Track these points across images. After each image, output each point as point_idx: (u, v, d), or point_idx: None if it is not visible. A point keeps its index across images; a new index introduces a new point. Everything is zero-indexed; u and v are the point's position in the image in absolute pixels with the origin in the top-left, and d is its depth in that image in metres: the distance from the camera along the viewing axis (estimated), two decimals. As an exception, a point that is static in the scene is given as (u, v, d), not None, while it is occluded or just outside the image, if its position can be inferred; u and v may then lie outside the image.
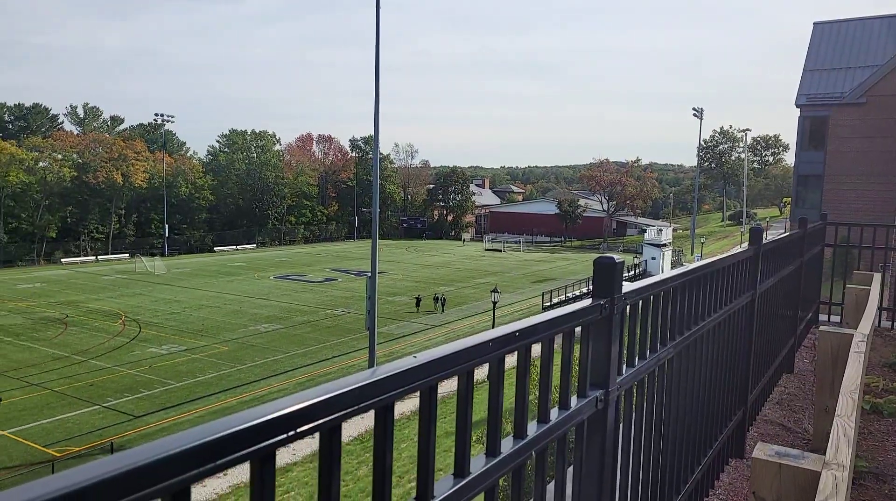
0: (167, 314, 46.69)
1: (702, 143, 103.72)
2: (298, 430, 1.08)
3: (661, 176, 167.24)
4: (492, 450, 1.77)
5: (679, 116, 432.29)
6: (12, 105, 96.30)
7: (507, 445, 1.82)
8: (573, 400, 2.24)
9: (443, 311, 47.65)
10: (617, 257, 2.45)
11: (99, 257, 79.53)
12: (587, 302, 2.32)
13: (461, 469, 1.63)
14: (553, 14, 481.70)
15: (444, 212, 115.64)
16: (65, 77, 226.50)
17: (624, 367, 2.66)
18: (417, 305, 48.73)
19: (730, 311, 4.31)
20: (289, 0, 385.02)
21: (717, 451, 4.40)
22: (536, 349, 2.01)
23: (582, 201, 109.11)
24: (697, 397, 3.77)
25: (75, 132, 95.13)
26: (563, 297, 52.04)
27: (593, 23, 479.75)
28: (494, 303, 39.20)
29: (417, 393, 1.45)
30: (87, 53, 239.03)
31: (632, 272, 62.75)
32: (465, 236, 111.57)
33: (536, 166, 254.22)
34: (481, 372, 1.75)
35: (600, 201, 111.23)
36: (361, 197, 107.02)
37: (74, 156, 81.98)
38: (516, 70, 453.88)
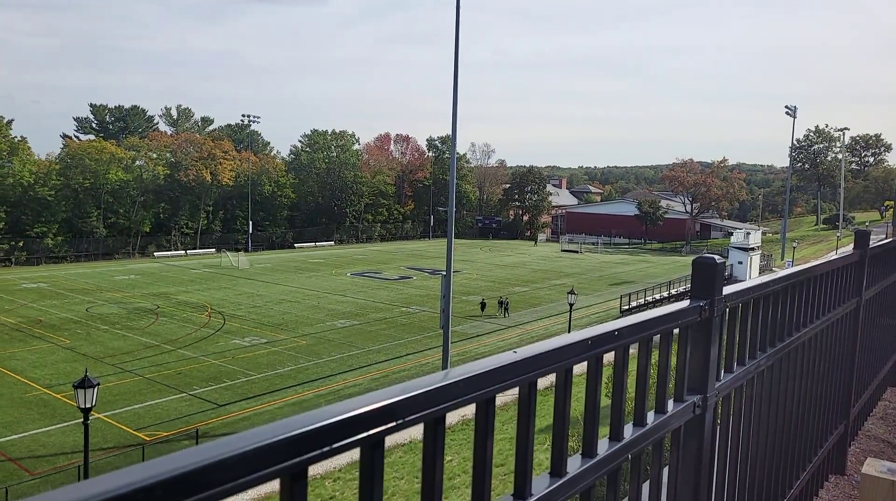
0: (250, 307, 48.57)
1: (794, 142, 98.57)
2: (406, 419, 1.08)
3: (750, 177, 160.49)
4: (588, 451, 1.72)
5: (769, 114, 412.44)
6: (113, 107, 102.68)
7: (602, 447, 1.78)
8: (670, 404, 2.17)
9: (506, 316, 46.22)
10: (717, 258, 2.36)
11: (188, 252, 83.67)
12: (685, 303, 2.23)
13: (558, 468, 1.59)
14: (633, 11, 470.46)
15: (520, 212, 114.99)
16: (160, 79, 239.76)
17: (722, 372, 2.56)
18: (482, 309, 47.61)
19: (833, 318, 4.08)
20: (369, 1, 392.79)
21: (817, 466, 4.17)
22: (630, 352, 1.95)
23: (663, 203, 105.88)
24: (796, 408, 3.59)
25: (169, 132, 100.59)
26: (641, 301, 50.70)
27: (676, 19, 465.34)
28: (571, 305, 38.47)
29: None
30: (181, 55, 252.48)
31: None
32: (541, 235, 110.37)
33: (616, 166, 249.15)
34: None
35: (683, 203, 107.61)
36: (437, 196, 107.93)
37: (168, 155, 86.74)
38: (596, 68, 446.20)
